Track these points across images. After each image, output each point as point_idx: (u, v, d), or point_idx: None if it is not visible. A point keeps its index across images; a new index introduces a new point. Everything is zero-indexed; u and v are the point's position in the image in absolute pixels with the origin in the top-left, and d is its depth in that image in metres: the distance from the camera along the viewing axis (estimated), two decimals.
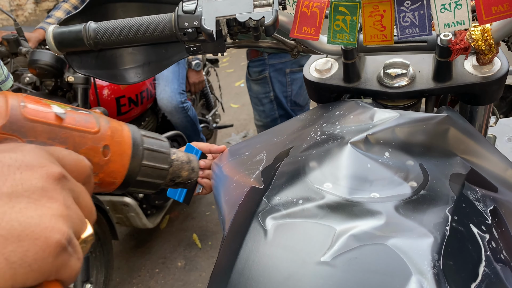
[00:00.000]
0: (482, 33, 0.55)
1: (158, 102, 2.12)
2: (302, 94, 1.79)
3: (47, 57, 1.51)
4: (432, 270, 0.38)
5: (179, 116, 2.12)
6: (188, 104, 2.15)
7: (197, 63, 2.34)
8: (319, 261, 0.39)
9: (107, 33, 0.64)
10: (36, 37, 2.00)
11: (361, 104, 0.57)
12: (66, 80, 1.56)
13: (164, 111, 2.13)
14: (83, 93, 1.59)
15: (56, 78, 1.56)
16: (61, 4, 2.21)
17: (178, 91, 2.11)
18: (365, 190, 0.45)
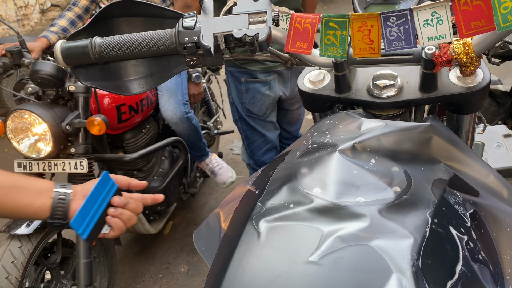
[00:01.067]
0: (463, 46, 0.58)
1: (162, 113, 2.16)
2: (256, 105, 1.86)
3: (48, 67, 1.55)
4: (411, 268, 0.41)
5: (184, 126, 2.16)
6: (192, 114, 2.20)
7: (196, 75, 2.39)
8: (307, 261, 0.43)
9: (112, 48, 0.68)
10: (39, 45, 2.05)
11: (350, 114, 0.60)
12: (67, 89, 1.60)
13: (169, 122, 2.17)
14: (84, 102, 1.63)
15: (57, 87, 1.60)
16: (65, 13, 2.25)
17: (182, 102, 2.16)
18: (351, 194, 0.48)
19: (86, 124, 1.55)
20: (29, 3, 5.98)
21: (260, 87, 1.81)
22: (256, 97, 1.83)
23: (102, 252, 1.86)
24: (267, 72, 1.78)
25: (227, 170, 2.51)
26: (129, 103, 1.96)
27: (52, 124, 1.52)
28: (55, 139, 1.53)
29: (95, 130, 1.55)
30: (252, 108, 1.87)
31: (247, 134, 1.97)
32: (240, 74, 1.81)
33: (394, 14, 0.57)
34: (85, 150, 1.60)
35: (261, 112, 1.88)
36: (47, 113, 1.53)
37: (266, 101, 1.85)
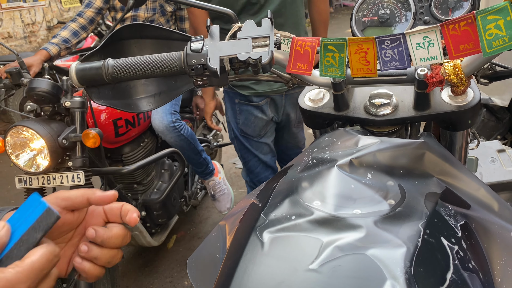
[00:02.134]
0: (454, 68, 0.62)
1: (152, 123, 2.19)
2: (249, 126, 1.86)
3: (44, 84, 1.60)
4: (404, 275, 0.44)
5: (172, 136, 2.17)
6: (180, 124, 2.20)
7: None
8: (308, 269, 0.46)
9: (124, 69, 0.72)
10: (38, 58, 2.07)
11: (348, 132, 0.64)
12: (64, 105, 1.65)
13: (157, 131, 2.20)
14: (80, 117, 1.67)
15: (53, 103, 1.65)
16: (69, 24, 2.27)
17: (170, 112, 2.18)
18: (348, 207, 0.52)
19: (82, 137, 1.59)
20: (36, 20, 6.10)
21: (252, 109, 1.83)
22: (249, 119, 1.84)
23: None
24: (258, 97, 1.80)
25: (226, 198, 2.51)
26: (126, 117, 2.00)
27: (48, 139, 1.56)
28: (52, 153, 1.57)
29: (90, 142, 1.58)
30: (246, 129, 1.88)
31: (242, 154, 1.98)
32: (234, 95, 1.84)
33: (388, 38, 0.61)
34: (82, 163, 1.63)
35: (255, 133, 1.89)
36: (44, 128, 1.58)
37: (259, 123, 1.86)
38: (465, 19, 0.56)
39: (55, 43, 2.18)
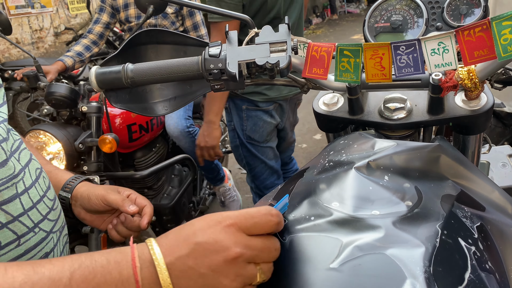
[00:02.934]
0: (468, 73, 0.64)
1: (166, 128, 2.22)
2: (257, 131, 1.86)
3: (62, 89, 1.63)
4: (423, 274, 0.45)
5: (186, 141, 2.20)
6: (194, 129, 2.23)
7: None
8: (328, 268, 0.47)
9: (143, 73, 0.74)
10: (55, 68, 2.18)
11: (363, 135, 0.65)
12: (80, 110, 1.68)
13: (171, 137, 2.23)
14: (96, 122, 1.70)
15: (71, 108, 1.68)
16: (81, 40, 2.39)
17: (184, 117, 2.20)
18: (367, 208, 0.53)
19: (98, 143, 1.62)
20: (44, 26, 6.17)
21: (261, 114, 1.84)
22: (257, 124, 1.85)
23: None
24: (268, 102, 1.82)
25: (236, 205, 2.54)
26: (140, 122, 2.03)
27: (65, 143, 1.59)
28: (68, 157, 1.59)
29: (106, 148, 1.61)
30: (253, 135, 1.89)
31: (248, 161, 1.98)
32: (241, 102, 1.85)
33: (404, 43, 0.62)
34: (97, 168, 1.66)
35: (262, 139, 1.90)
36: (61, 132, 1.60)
37: (267, 128, 1.87)
38: (480, 25, 0.57)
39: (70, 56, 2.29)
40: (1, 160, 0.63)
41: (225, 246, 0.44)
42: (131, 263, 0.43)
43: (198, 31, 2.42)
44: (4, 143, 0.65)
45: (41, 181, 0.72)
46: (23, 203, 0.65)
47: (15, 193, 0.63)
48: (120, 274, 0.43)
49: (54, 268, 0.42)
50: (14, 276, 0.41)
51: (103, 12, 2.40)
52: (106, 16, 2.40)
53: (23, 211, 0.61)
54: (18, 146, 0.69)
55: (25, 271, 0.41)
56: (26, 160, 0.69)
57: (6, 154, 0.63)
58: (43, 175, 0.74)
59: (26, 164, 0.69)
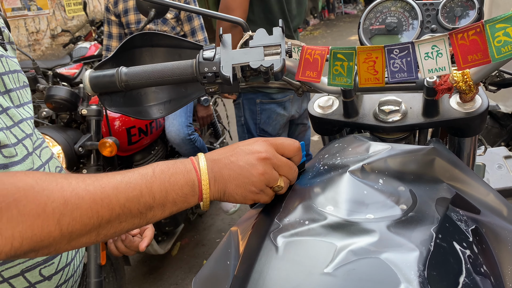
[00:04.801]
0: (462, 75, 0.64)
1: (166, 134, 2.22)
2: (271, 124, 1.94)
3: (63, 92, 1.62)
4: (418, 278, 0.45)
5: (187, 148, 2.22)
6: (195, 136, 2.25)
7: (205, 99, 2.46)
8: (322, 272, 0.47)
9: (137, 77, 0.73)
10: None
11: (358, 138, 0.65)
12: (80, 113, 1.68)
13: (172, 143, 2.23)
14: (96, 125, 1.69)
15: (71, 111, 1.68)
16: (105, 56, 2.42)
17: (186, 124, 2.22)
18: (361, 212, 0.53)
19: (98, 146, 1.61)
20: (41, 28, 6.16)
21: (275, 107, 1.90)
22: (271, 117, 1.91)
23: (111, 272, 1.89)
24: (283, 93, 1.88)
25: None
26: (139, 125, 2.02)
27: (65, 146, 1.58)
28: (68, 160, 1.59)
29: (106, 151, 1.60)
30: (267, 128, 1.94)
31: None
32: (255, 96, 1.89)
33: (397, 46, 0.62)
34: (96, 171, 1.65)
35: (274, 132, 1.95)
36: (61, 135, 1.60)
37: (280, 121, 1.94)
38: (474, 28, 0.57)
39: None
40: (23, 156, 0.66)
41: (258, 150, 0.59)
42: (191, 161, 0.59)
43: (196, 36, 2.43)
44: (28, 139, 0.69)
45: None
46: None
47: None
48: (185, 166, 0.58)
49: (140, 170, 0.56)
50: (112, 176, 0.53)
51: (110, 25, 2.42)
52: (116, 28, 2.43)
53: None
54: (40, 144, 0.75)
55: (118, 174, 0.54)
56: (47, 158, 0.73)
57: (27, 150, 0.68)
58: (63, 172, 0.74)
59: (46, 161, 0.73)
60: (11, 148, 0.64)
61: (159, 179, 0.55)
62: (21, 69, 0.80)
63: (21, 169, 0.65)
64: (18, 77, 0.75)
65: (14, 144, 0.66)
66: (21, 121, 0.70)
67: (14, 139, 0.66)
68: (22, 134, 0.69)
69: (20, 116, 0.70)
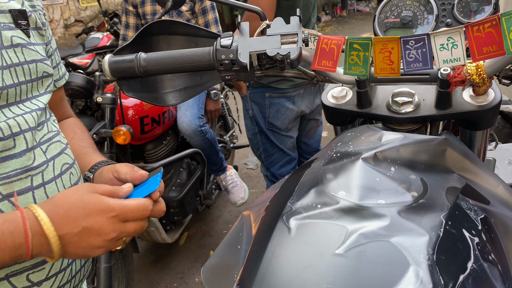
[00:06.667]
0: (476, 68, 0.64)
1: (178, 125, 2.24)
2: (279, 118, 1.95)
3: (79, 79, 1.65)
4: (427, 262, 0.46)
5: (198, 139, 2.24)
6: (206, 128, 2.27)
7: (214, 92, 2.48)
8: (334, 253, 0.48)
9: (155, 63, 0.75)
10: None
11: (371, 128, 0.66)
12: (95, 100, 1.70)
13: (184, 134, 2.25)
14: (110, 113, 1.72)
15: (86, 98, 1.70)
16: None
17: (197, 116, 2.24)
18: (373, 197, 0.54)
19: (112, 134, 1.64)
20: (54, 18, 6.21)
21: (284, 101, 1.90)
22: (280, 111, 1.92)
23: (120, 259, 1.92)
24: (294, 88, 1.89)
25: (239, 189, 2.57)
26: (152, 115, 2.04)
27: None
28: None
29: (120, 139, 1.63)
30: (275, 122, 1.95)
31: (266, 147, 2.05)
32: (265, 89, 1.90)
33: (413, 38, 0.63)
34: (109, 159, 1.68)
35: (283, 126, 1.96)
36: None
37: (290, 115, 1.94)
38: (490, 21, 0.58)
39: None
40: (20, 150, 0.63)
41: (106, 232, 0.58)
42: (23, 234, 0.54)
43: (210, 29, 2.44)
44: (29, 132, 0.65)
45: (65, 177, 0.71)
46: (36, 197, 0.64)
47: (28, 186, 0.63)
48: (13, 242, 0.54)
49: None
50: None
51: (128, 15, 2.44)
52: (133, 19, 2.44)
53: None
54: (51, 138, 0.72)
55: None
56: (54, 153, 0.70)
57: (27, 145, 0.65)
58: (72, 171, 0.73)
59: (52, 157, 0.70)
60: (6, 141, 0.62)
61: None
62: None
63: (16, 165, 0.63)
64: (37, 68, 0.71)
65: (8, 136, 0.62)
66: (25, 113, 0.66)
67: (9, 131, 0.63)
68: (23, 126, 0.65)
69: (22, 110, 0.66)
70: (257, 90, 1.94)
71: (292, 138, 2.05)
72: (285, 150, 2.04)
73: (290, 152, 2.07)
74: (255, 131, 2.04)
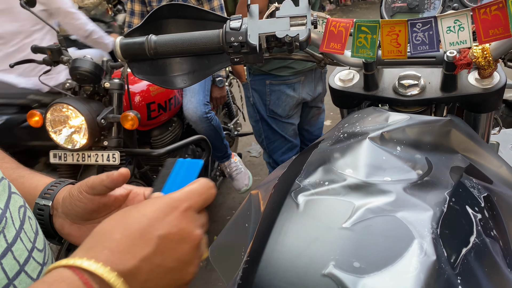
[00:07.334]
0: (482, 51, 0.65)
1: (184, 112, 2.27)
2: (280, 106, 1.97)
3: (87, 64, 1.67)
4: (431, 235, 0.48)
5: (203, 126, 2.26)
6: (211, 115, 2.30)
7: (219, 80, 2.49)
8: (341, 227, 0.50)
9: (165, 45, 0.76)
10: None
11: (377, 109, 0.67)
12: (103, 86, 1.72)
13: (190, 121, 2.27)
14: (118, 98, 1.74)
15: (94, 83, 1.72)
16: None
17: (203, 102, 2.26)
18: (379, 175, 0.56)
19: (120, 119, 1.66)
20: None
21: (284, 88, 1.92)
22: (281, 98, 1.94)
23: None
24: (295, 75, 1.90)
25: (244, 176, 2.60)
26: (158, 101, 2.06)
27: (88, 117, 1.63)
28: (90, 131, 1.63)
29: (128, 124, 1.65)
30: (276, 109, 1.97)
31: (267, 134, 2.07)
32: (265, 77, 1.92)
33: (420, 20, 0.64)
34: (117, 144, 1.70)
35: (284, 113, 1.98)
36: (84, 107, 1.64)
37: (290, 102, 1.96)
38: (496, 4, 0.59)
39: None
40: None
41: (190, 232, 0.41)
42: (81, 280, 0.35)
43: None
44: None
45: (27, 227, 0.47)
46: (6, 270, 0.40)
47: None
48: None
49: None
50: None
51: (133, 2, 2.44)
52: (138, 6, 2.44)
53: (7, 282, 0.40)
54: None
55: None
56: (4, 198, 0.45)
57: None
58: (28, 214, 0.49)
59: (6, 204, 0.45)
60: None
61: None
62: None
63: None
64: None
65: None
66: None
67: None
68: None
69: None
70: (257, 77, 1.95)
71: (293, 125, 2.07)
72: (286, 137, 2.07)
73: (292, 139, 2.09)
74: (256, 118, 2.07)
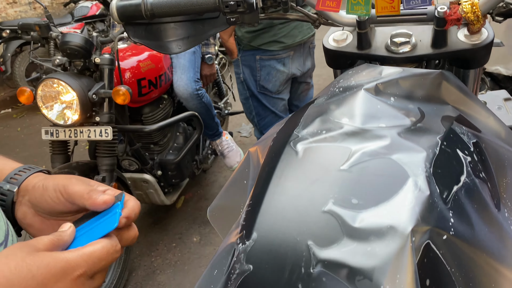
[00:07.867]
0: (471, 6, 0.68)
1: (174, 89, 2.26)
2: (270, 81, 1.98)
3: (77, 39, 1.64)
4: (424, 173, 0.50)
5: (194, 103, 2.26)
6: (202, 92, 2.29)
7: (209, 57, 2.48)
8: (339, 169, 0.52)
9: (162, 6, 0.77)
10: None
11: (371, 65, 0.69)
12: (94, 61, 1.70)
13: (180, 98, 2.27)
14: (109, 73, 1.72)
15: (85, 58, 1.70)
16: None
17: (194, 79, 2.26)
18: (374, 122, 0.58)
19: (112, 94, 1.65)
20: None
21: (275, 63, 1.92)
22: (271, 73, 1.94)
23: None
24: (284, 50, 1.91)
25: (235, 154, 2.62)
26: (149, 77, 2.05)
27: (80, 93, 1.62)
28: (82, 107, 1.63)
29: (119, 99, 1.64)
30: (267, 85, 1.98)
31: (258, 111, 2.08)
32: (255, 52, 1.92)
33: None
34: (109, 119, 1.70)
35: (274, 89, 1.99)
36: (76, 82, 1.63)
37: (280, 77, 1.97)
38: None
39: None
40: None
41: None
42: None
43: None
44: None
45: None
46: None
47: None
48: None
49: None
50: None
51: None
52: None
53: None
54: None
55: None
56: None
57: None
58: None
59: None
60: None
61: None
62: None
63: None
64: None
65: None
66: None
67: None
68: None
69: None
70: (247, 53, 1.96)
71: (283, 100, 2.09)
72: (277, 112, 2.08)
73: (282, 115, 2.11)
74: (246, 95, 2.07)
